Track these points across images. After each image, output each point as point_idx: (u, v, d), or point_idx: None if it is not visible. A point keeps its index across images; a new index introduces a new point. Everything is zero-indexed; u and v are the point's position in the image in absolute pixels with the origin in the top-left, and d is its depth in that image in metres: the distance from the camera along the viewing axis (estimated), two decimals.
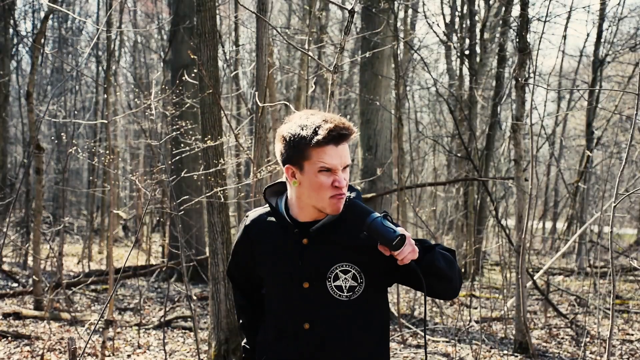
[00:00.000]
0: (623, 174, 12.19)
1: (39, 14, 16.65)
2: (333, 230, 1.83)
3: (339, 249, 1.82)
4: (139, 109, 7.30)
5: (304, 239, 1.83)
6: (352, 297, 1.81)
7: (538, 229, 17.94)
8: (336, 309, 1.81)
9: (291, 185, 1.83)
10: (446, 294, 1.85)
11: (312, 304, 1.82)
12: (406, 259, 1.68)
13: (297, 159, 1.76)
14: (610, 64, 14.04)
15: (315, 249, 1.83)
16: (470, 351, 6.13)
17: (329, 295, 1.81)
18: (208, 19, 4.91)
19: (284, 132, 1.79)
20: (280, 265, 1.86)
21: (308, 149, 1.73)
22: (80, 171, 23.99)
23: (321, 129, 1.72)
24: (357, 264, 1.81)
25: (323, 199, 1.77)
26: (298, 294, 1.83)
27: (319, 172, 1.75)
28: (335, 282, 1.81)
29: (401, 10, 11.88)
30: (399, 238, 1.67)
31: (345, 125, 1.75)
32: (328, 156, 1.73)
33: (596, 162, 14.41)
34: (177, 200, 5.01)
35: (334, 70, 2.91)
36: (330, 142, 1.73)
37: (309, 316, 1.83)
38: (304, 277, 1.82)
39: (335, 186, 1.75)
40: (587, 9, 15.10)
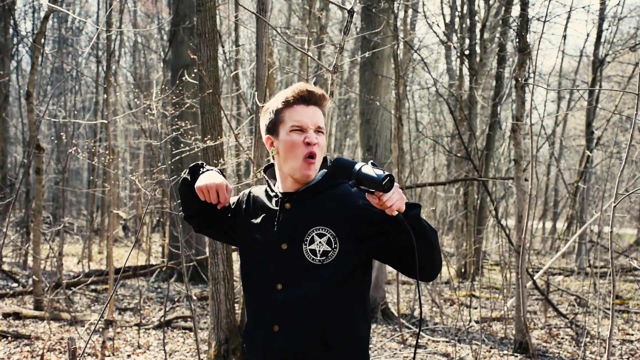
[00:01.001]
0: (623, 174, 12.22)
1: (39, 14, 16.64)
2: (315, 196, 1.90)
3: (318, 214, 1.87)
4: (139, 109, 7.30)
5: (286, 204, 1.91)
6: (324, 261, 1.83)
7: (538, 229, 17.94)
8: (309, 272, 1.84)
9: (272, 156, 1.94)
10: (428, 264, 1.79)
11: (287, 265, 1.86)
12: (395, 205, 1.67)
13: (272, 126, 1.90)
14: (610, 64, 14.04)
15: (296, 212, 1.90)
16: (470, 351, 6.13)
17: (303, 258, 1.85)
18: (208, 19, 4.91)
19: (265, 105, 1.93)
20: (262, 229, 1.94)
21: (281, 112, 1.87)
22: (80, 171, 24.00)
23: (291, 91, 1.86)
24: (334, 229, 1.84)
25: (296, 159, 1.85)
26: (275, 255, 1.88)
27: (291, 132, 1.85)
28: (310, 246, 1.85)
29: (401, 10, 11.87)
30: (388, 178, 1.65)
31: (314, 89, 1.86)
32: (297, 114, 1.84)
33: (596, 162, 14.42)
34: (177, 200, 5.01)
35: (334, 70, 2.91)
36: (299, 102, 1.85)
37: (283, 277, 1.87)
38: (283, 238, 1.88)
39: (306, 142, 1.83)
40: (587, 9, 15.10)
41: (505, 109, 15.72)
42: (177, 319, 7.35)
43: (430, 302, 8.69)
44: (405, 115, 13.24)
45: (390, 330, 7.26)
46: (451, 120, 13.89)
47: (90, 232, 12.70)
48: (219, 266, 5.13)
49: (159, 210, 11.93)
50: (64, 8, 16.37)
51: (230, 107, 13.35)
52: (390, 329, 7.32)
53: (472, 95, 10.83)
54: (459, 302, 8.55)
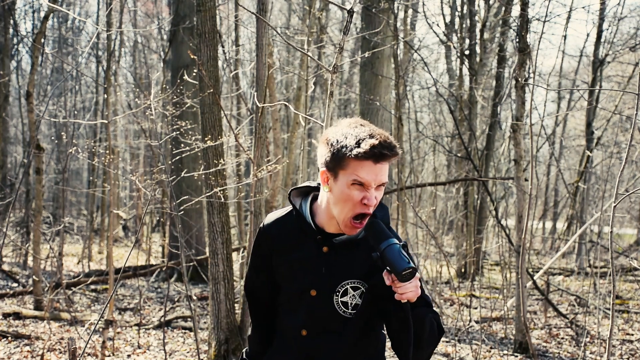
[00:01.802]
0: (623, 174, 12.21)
1: (39, 14, 16.65)
2: (356, 245, 1.80)
3: (356, 265, 1.79)
4: (139, 109, 7.30)
5: (324, 247, 1.80)
6: (355, 315, 1.80)
7: (538, 229, 17.94)
8: (337, 323, 1.80)
9: (323, 189, 1.79)
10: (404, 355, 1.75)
11: (315, 313, 1.81)
12: (405, 295, 1.63)
13: (333, 166, 1.72)
14: (610, 64, 14.04)
15: (333, 259, 1.80)
16: (470, 351, 6.13)
17: (332, 309, 1.79)
18: (208, 19, 4.91)
19: (329, 135, 1.74)
20: (296, 268, 1.84)
21: (346, 159, 1.68)
22: (80, 171, 24.00)
23: (364, 143, 1.66)
24: (367, 281, 1.79)
25: (346, 213, 1.73)
26: (304, 300, 1.81)
27: (352, 185, 1.69)
28: (342, 298, 1.79)
29: (401, 10, 11.88)
30: (409, 270, 1.59)
31: (390, 145, 1.69)
32: (364, 171, 1.68)
33: (596, 162, 14.42)
34: (177, 200, 5.01)
35: (334, 70, 2.91)
36: (370, 157, 1.67)
37: (309, 324, 1.82)
38: (315, 284, 1.80)
39: (364, 203, 1.70)
40: (587, 9, 15.10)
41: (505, 109, 15.72)
42: (177, 319, 7.35)
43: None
44: (405, 115, 13.24)
45: None
46: (451, 120, 13.89)
47: (90, 232, 12.70)
48: (219, 266, 5.13)
49: (159, 210, 11.93)
50: (64, 8, 16.38)
51: (230, 107, 13.35)
52: None
53: (472, 95, 10.83)
54: (459, 302, 8.55)
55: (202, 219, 10.46)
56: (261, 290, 1.99)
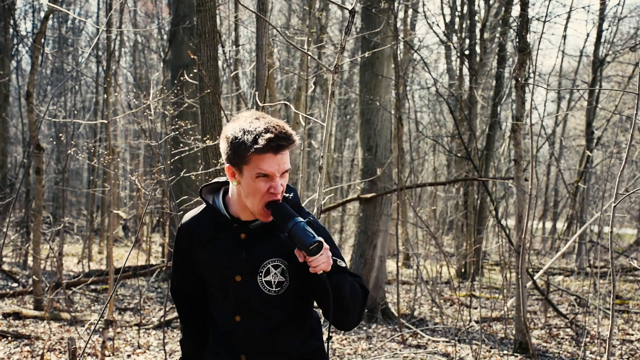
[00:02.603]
0: (623, 174, 12.22)
1: (39, 14, 16.64)
2: (271, 228, 1.88)
3: (274, 245, 1.87)
4: (139, 109, 7.30)
5: (242, 234, 1.89)
6: (279, 292, 1.87)
7: (538, 229, 17.94)
8: (265, 303, 1.87)
9: (232, 183, 1.88)
10: (337, 322, 1.88)
11: (243, 297, 1.88)
12: (319, 267, 1.72)
13: (237, 162, 1.80)
14: (610, 64, 14.04)
15: (252, 244, 1.88)
16: (470, 351, 6.13)
17: (258, 290, 1.86)
18: (208, 19, 4.90)
19: (227, 132, 1.82)
20: (217, 260, 1.91)
21: (247, 155, 1.76)
22: (80, 171, 23.99)
23: (261, 138, 1.74)
24: (288, 260, 1.87)
25: (257, 204, 1.81)
26: (232, 287, 1.88)
27: (257, 178, 1.78)
28: (265, 277, 1.86)
29: (401, 10, 11.89)
30: (316, 244, 1.70)
31: (287, 135, 1.77)
32: (266, 164, 1.76)
33: (596, 162, 14.42)
34: (176, 200, 5.01)
35: (335, 70, 2.91)
36: (269, 150, 1.75)
37: (240, 309, 1.89)
38: (238, 270, 1.87)
39: (271, 192, 1.79)
40: (587, 9, 15.10)
41: (505, 109, 15.72)
42: (177, 319, 7.35)
43: (430, 302, 8.69)
44: (405, 115, 13.24)
45: (390, 330, 7.26)
46: (451, 120, 13.89)
47: (90, 232, 12.70)
48: None
49: (159, 210, 11.93)
50: (64, 8, 16.38)
51: (230, 107, 13.35)
52: (390, 329, 7.32)
53: (472, 95, 10.83)
54: (459, 302, 8.55)
55: None
56: (188, 289, 2.04)
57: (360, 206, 8.10)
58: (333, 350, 6.26)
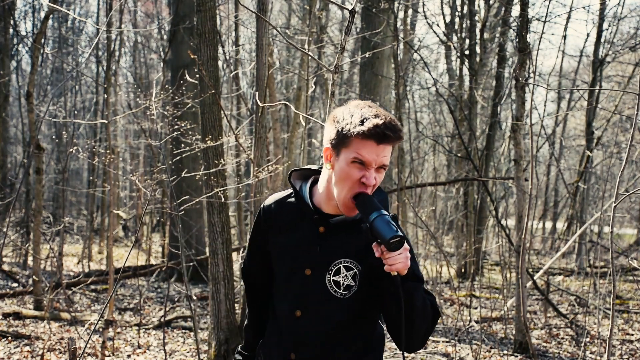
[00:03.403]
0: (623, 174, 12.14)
1: (39, 14, 16.64)
2: (352, 227, 1.80)
3: (351, 246, 1.79)
4: (139, 109, 7.30)
5: (320, 227, 1.81)
6: (346, 295, 1.79)
7: (538, 229, 17.94)
8: (328, 303, 1.79)
9: (325, 167, 1.80)
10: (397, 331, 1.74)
11: (308, 292, 1.81)
12: (395, 266, 1.62)
13: (337, 143, 1.72)
14: (610, 64, 14.04)
15: (329, 239, 1.80)
16: (470, 351, 6.13)
17: (324, 287, 1.79)
18: (208, 19, 4.91)
19: (336, 113, 1.76)
20: (291, 249, 1.85)
21: (349, 137, 1.69)
22: (80, 171, 24.00)
23: (368, 122, 1.67)
24: (361, 263, 1.78)
25: (345, 193, 1.73)
26: (299, 279, 1.82)
27: (352, 163, 1.70)
28: (334, 277, 1.78)
29: (401, 10, 11.88)
30: (397, 239, 1.59)
31: (395, 128, 1.69)
32: (365, 150, 1.68)
33: (596, 162, 14.42)
34: (177, 200, 5.01)
35: (335, 70, 2.91)
36: (373, 137, 1.67)
37: (302, 304, 1.82)
38: (309, 263, 1.80)
39: (362, 182, 1.70)
40: (587, 9, 15.09)
41: (505, 109, 15.72)
42: (177, 319, 7.35)
43: None
44: (405, 115, 13.24)
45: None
46: (451, 120, 13.89)
47: (90, 232, 12.70)
48: (219, 266, 5.13)
49: (159, 210, 11.93)
50: (64, 8, 16.38)
51: (230, 107, 13.35)
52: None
53: (472, 95, 10.83)
54: (459, 302, 8.55)
55: (202, 219, 10.46)
56: (258, 272, 2.00)
57: None
58: None
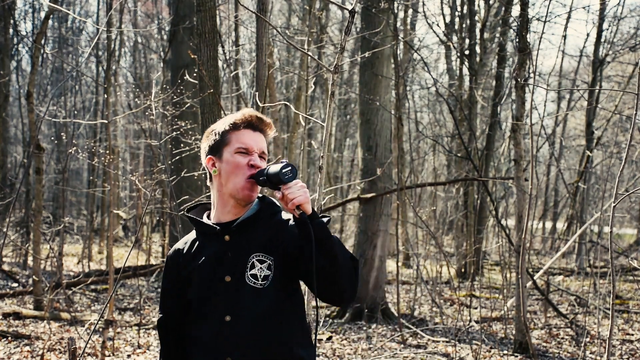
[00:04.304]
0: (623, 174, 12.18)
1: (39, 14, 16.65)
2: (252, 225, 1.92)
3: (257, 241, 1.90)
4: (139, 109, 7.30)
5: (225, 236, 1.91)
6: (265, 285, 1.86)
7: (538, 229, 17.94)
8: (255, 297, 1.86)
9: (211, 178, 1.93)
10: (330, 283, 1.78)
11: (233, 296, 1.87)
12: (297, 199, 1.72)
13: (216, 147, 1.90)
14: (610, 64, 14.04)
15: (236, 243, 1.90)
16: (470, 351, 6.13)
17: (245, 284, 1.87)
18: (208, 19, 4.90)
19: (208, 130, 1.95)
20: (205, 267, 1.92)
21: (227, 134, 1.89)
22: (80, 171, 23.99)
23: (239, 115, 1.90)
24: (271, 254, 1.88)
25: (239, 181, 1.86)
26: (221, 288, 1.88)
27: (236, 153, 1.87)
28: (251, 271, 1.87)
29: (401, 10, 11.89)
30: (289, 168, 1.72)
31: (263, 117, 1.91)
32: (244, 137, 1.88)
33: (596, 162, 14.41)
34: (177, 200, 5.01)
35: (335, 70, 2.91)
36: (247, 126, 1.89)
37: (230, 308, 1.87)
38: (227, 270, 1.88)
39: (250, 165, 1.86)
40: (587, 9, 15.10)
41: (505, 109, 15.72)
42: None
43: (430, 302, 8.69)
44: (405, 115, 13.24)
45: (390, 330, 7.26)
46: (451, 120, 13.89)
47: (90, 232, 12.70)
48: None
49: (159, 210, 11.93)
50: (64, 8, 16.38)
51: (230, 107, 13.35)
52: (390, 329, 7.32)
53: (472, 95, 10.83)
54: (459, 302, 8.55)
55: None
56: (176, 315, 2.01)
57: (360, 206, 8.10)
58: (333, 350, 6.26)
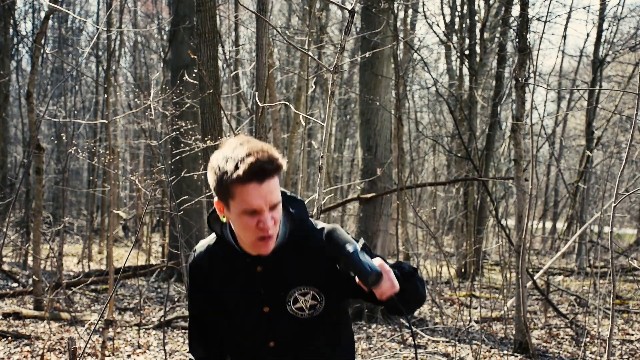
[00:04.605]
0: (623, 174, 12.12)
1: (39, 14, 16.65)
2: (287, 254, 1.75)
3: (295, 273, 1.75)
4: (139, 109, 7.30)
5: (257, 267, 1.75)
6: (314, 314, 1.77)
7: (538, 229, 17.94)
8: (300, 326, 1.78)
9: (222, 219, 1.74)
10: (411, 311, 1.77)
11: (276, 325, 1.78)
12: (385, 294, 1.58)
13: (223, 195, 1.62)
14: (610, 64, 14.04)
15: (270, 276, 1.75)
16: (470, 351, 6.13)
17: (291, 317, 1.77)
18: (208, 19, 4.91)
19: (212, 161, 1.65)
20: (238, 295, 1.79)
21: (231, 187, 1.58)
22: (80, 171, 24.00)
23: (243, 164, 1.55)
24: (315, 284, 1.75)
25: (249, 240, 1.66)
26: (260, 318, 1.78)
27: (242, 214, 1.60)
28: (295, 305, 1.76)
29: (401, 10, 11.88)
30: (374, 275, 1.58)
31: (270, 159, 1.58)
32: (251, 196, 1.57)
33: (596, 162, 14.42)
34: (177, 200, 5.01)
35: (335, 70, 2.91)
36: (253, 179, 1.55)
37: (274, 335, 1.79)
38: (264, 303, 1.77)
39: (260, 227, 1.61)
40: (587, 9, 15.10)
41: (505, 109, 15.72)
42: (177, 319, 7.35)
43: (430, 302, 8.69)
44: (405, 115, 13.24)
45: (390, 330, 7.26)
46: (451, 120, 13.89)
47: (90, 232, 12.70)
48: None
49: (159, 210, 11.94)
50: (64, 8, 16.38)
51: (230, 107, 13.36)
52: (390, 329, 7.32)
53: (472, 95, 10.83)
54: (459, 302, 8.55)
55: (202, 219, 10.45)
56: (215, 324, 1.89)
57: (360, 206, 8.10)
58: None
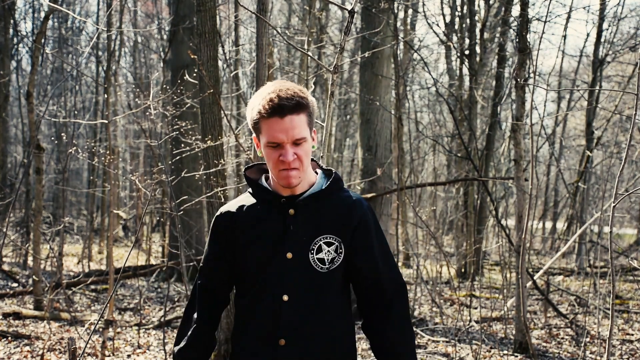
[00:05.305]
0: (623, 174, 12.19)
1: (39, 14, 16.65)
2: (320, 200, 1.81)
3: (325, 220, 1.80)
4: (139, 109, 7.30)
5: (290, 209, 1.80)
6: (331, 268, 1.80)
7: (538, 229, 17.94)
8: (315, 281, 1.80)
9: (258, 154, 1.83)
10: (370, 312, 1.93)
11: (292, 276, 1.79)
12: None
13: (255, 130, 1.77)
14: (610, 64, 14.04)
15: (301, 219, 1.80)
16: (470, 351, 6.13)
17: (310, 267, 1.79)
18: (208, 19, 4.91)
19: (250, 100, 1.79)
20: (264, 239, 1.81)
21: (258, 122, 1.72)
22: (80, 171, 23.99)
23: (265, 100, 1.69)
24: (340, 235, 1.80)
25: (274, 173, 1.76)
26: (280, 265, 1.79)
27: (267, 146, 1.73)
28: (317, 255, 1.79)
29: (401, 10, 11.89)
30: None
31: (292, 96, 1.68)
32: (272, 130, 1.69)
33: (596, 162, 14.41)
34: (177, 200, 5.01)
35: (334, 70, 2.91)
36: (274, 114, 1.67)
37: (288, 288, 1.79)
38: (288, 247, 1.79)
39: (281, 160, 1.71)
40: (587, 9, 15.10)
41: (505, 109, 15.72)
42: (177, 319, 7.35)
43: (430, 302, 8.69)
44: (405, 115, 13.24)
45: None
46: (451, 120, 13.89)
47: (90, 232, 12.69)
48: None
49: (159, 210, 11.93)
50: (64, 8, 16.38)
51: (230, 107, 13.35)
52: None
53: (472, 95, 10.83)
54: (459, 302, 8.55)
55: (202, 219, 10.46)
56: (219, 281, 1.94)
57: None
58: None
